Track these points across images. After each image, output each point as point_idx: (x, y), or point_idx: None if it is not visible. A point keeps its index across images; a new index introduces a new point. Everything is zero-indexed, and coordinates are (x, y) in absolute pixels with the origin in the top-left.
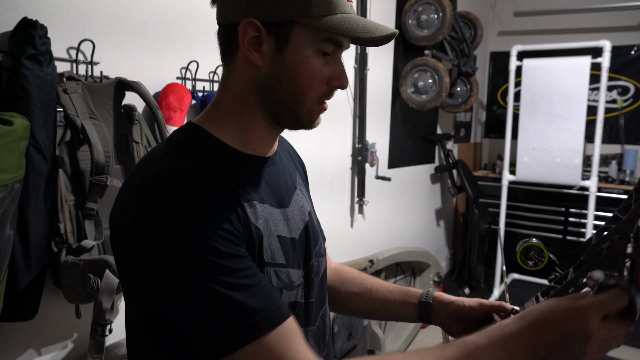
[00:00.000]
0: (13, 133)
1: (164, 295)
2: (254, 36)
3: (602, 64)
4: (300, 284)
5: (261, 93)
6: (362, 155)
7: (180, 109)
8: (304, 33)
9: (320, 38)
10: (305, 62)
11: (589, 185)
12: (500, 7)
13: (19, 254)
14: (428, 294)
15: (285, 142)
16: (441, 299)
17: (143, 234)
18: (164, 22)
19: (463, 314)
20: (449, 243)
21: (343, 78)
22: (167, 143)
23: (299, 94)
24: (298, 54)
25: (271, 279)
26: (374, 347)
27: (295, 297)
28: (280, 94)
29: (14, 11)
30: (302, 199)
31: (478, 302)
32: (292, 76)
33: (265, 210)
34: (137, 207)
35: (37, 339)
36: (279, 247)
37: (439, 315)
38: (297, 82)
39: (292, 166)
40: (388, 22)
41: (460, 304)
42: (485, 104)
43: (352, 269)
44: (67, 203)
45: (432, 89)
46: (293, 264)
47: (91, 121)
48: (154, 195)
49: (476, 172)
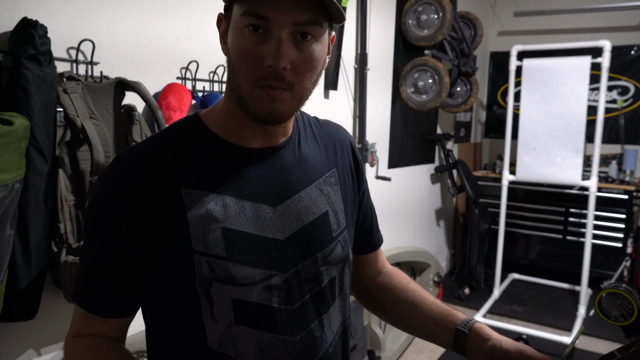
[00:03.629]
0: (13, 133)
1: None
2: (223, 29)
3: (602, 64)
4: (272, 287)
5: (229, 83)
6: (362, 155)
7: (180, 109)
8: (236, 13)
9: (241, 12)
10: (236, 41)
11: (589, 185)
12: (500, 7)
13: (19, 254)
14: (468, 323)
15: (340, 135)
16: (479, 332)
17: None
18: (164, 21)
19: (498, 356)
20: (449, 243)
21: (272, 55)
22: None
23: (237, 76)
24: (233, 34)
25: (201, 268)
26: (374, 347)
27: (255, 297)
28: (232, 80)
29: (14, 11)
30: (319, 198)
31: (517, 349)
32: (232, 59)
33: (214, 200)
34: None
35: (37, 339)
36: (220, 239)
37: (473, 349)
38: (234, 64)
39: (325, 162)
40: (388, 22)
41: (497, 344)
42: (485, 104)
43: (403, 276)
44: (67, 203)
45: (432, 89)
46: (249, 261)
47: (91, 121)
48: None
49: (476, 172)
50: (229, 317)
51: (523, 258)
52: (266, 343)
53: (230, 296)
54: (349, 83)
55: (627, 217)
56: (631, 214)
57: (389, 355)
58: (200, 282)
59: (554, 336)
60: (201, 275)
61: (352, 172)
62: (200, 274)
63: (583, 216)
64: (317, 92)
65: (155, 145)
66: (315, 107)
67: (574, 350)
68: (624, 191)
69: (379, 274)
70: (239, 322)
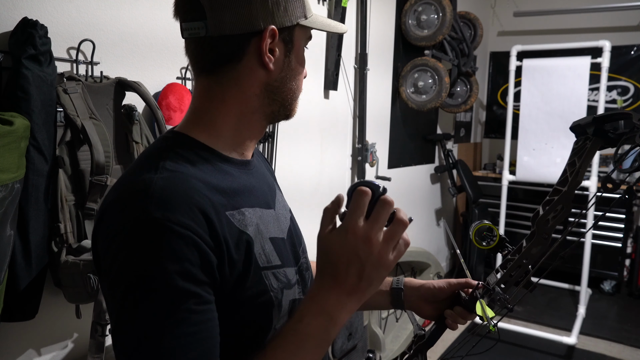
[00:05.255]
0: (13, 133)
1: (114, 313)
2: (269, 43)
3: (602, 64)
4: (297, 282)
5: (266, 96)
6: (362, 155)
7: (180, 109)
8: (302, 34)
9: (307, 36)
10: (303, 60)
11: (589, 185)
12: (500, 7)
13: (19, 254)
14: (399, 281)
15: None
16: (412, 283)
17: (117, 249)
18: (164, 21)
19: (434, 295)
20: (449, 243)
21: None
22: (149, 153)
23: (298, 89)
24: (299, 53)
25: (271, 281)
26: (374, 347)
27: (294, 294)
28: (285, 93)
29: (14, 11)
30: (283, 199)
31: (446, 282)
32: (295, 74)
33: (256, 214)
34: (114, 221)
35: (37, 339)
36: (272, 249)
37: (410, 299)
38: (298, 79)
39: (265, 168)
40: (388, 22)
41: (430, 285)
42: (485, 104)
43: None
44: (67, 203)
45: (432, 89)
46: (287, 263)
47: (91, 121)
48: (135, 212)
49: (476, 172)
50: (285, 320)
51: None
52: None
53: (289, 298)
54: (349, 83)
55: (626, 217)
56: (631, 214)
57: (389, 355)
58: (275, 295)
59: (554, 336)
60: (273, 288)
61: (272, 173)
62: (272, 286)
63: (583, 216)
64: (317, 92)
65: (181, 170)
66: (315, 107)
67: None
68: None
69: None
70: None
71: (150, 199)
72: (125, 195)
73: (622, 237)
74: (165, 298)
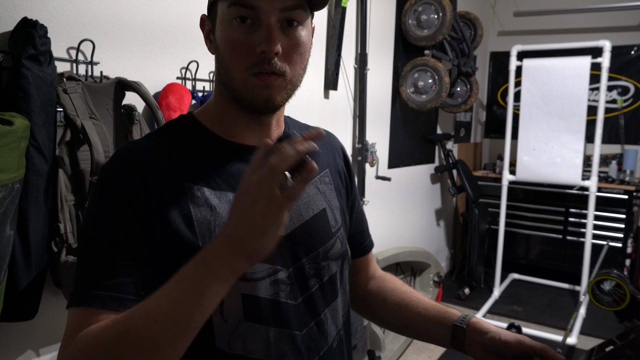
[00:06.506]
0: (13, 133)
1: None
2: (208, 29)
3: (602, 64)
4: (279, 281)
5: (219, 79)
6: (362, 155)
7: (180, 109)
8: (222, 8)
9: (228, 4)
10: (225, 35)
11: (589, 185)
12: (500, 7)
13: (19, 254)
14: (464, 319)
15: (331, 140)
16: (477, 326)
17: None
18: (164, 22)
19: (497, 348)
20: (449, 243)
21: (264, 42)
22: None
23: (228, 68)
24: (221, 28)
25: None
26: (374, 347)
27: (264, 292)
28: (223, 74)
29: (14, 11)
30: (316, 195)
31: (516, 339)
32: (222, 53)
33: (217, 196)
34: None
35: (37, 339)
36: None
37: (472, 344)
38: (225, 57)
39: (319, 162)
40: (388, 22)
41: (496, 336)
42: (485, 104)
43: (395, 279)
44: (67, 203)
45: (432, 89)
46: (269, 259)
47: (91, 121)
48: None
49: (476, 172)
50: (239, 314)
51: (523, 258)
52: (274, 338)
53: (240, 292)
54: (349, 83)
55: (627, 217)
56: (631, 214)
57: (389, 355)
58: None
59: (554, 336)
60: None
61: (344, 175)
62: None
63: (583, 216)
64: (317, 92)
65: (156, 141)
66: (315, 107)
67: (574, 349)
68: (624, 191)
69: (372, 279)
70: (248, 319)
71: (112, 157)
72: None
73: (622, 237)
74: (97, 249)
